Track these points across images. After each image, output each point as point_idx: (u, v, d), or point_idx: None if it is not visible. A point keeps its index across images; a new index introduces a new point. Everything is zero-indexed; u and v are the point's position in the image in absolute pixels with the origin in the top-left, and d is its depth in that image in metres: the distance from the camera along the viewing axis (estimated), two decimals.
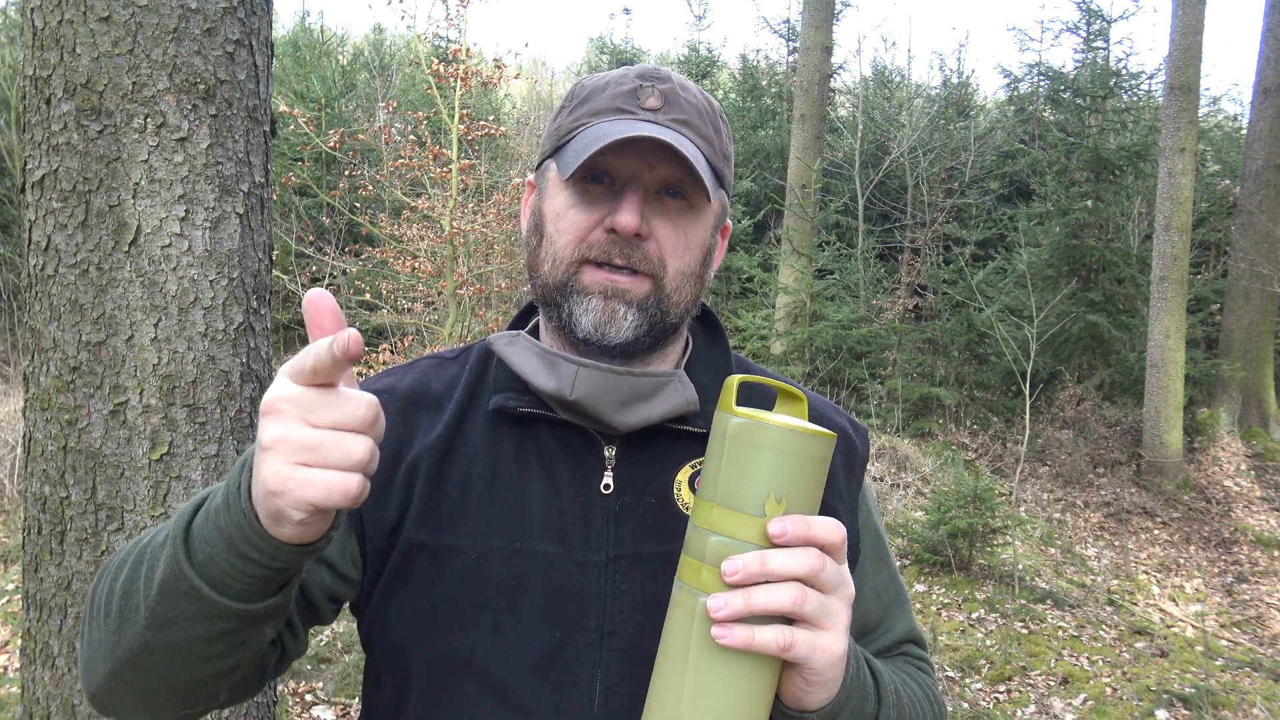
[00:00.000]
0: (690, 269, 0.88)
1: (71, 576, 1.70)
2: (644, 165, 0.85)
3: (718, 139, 0.90)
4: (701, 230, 0.89)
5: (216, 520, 0.67)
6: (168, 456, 1.70)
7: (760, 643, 0.67)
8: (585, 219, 0.86)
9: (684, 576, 0.72)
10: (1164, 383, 7.57)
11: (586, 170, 0.86)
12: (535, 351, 0.90)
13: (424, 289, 7.07)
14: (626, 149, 0.84)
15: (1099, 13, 10.67)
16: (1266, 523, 7.18)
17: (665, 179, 0.86)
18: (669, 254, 0.87)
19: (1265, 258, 8.54)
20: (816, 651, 0.69)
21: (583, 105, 0.89)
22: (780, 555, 0.68)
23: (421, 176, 6.87)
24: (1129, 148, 9.25)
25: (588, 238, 0.86)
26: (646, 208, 0.86)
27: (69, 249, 1.66)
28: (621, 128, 0.83)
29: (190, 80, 1.68)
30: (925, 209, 10.95)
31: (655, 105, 0.87)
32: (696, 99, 0.90)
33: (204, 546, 0.67)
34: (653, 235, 0.86)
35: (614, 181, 0.86)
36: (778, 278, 9.21)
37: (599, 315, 0.85)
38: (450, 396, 0.93)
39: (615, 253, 0.85)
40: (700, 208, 0.89)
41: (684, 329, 0.96)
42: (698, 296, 0.92)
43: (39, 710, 1.74)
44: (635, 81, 0.88)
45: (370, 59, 13.53)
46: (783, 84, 13.85)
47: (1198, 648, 5.05)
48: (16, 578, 4.64)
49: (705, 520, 0.71)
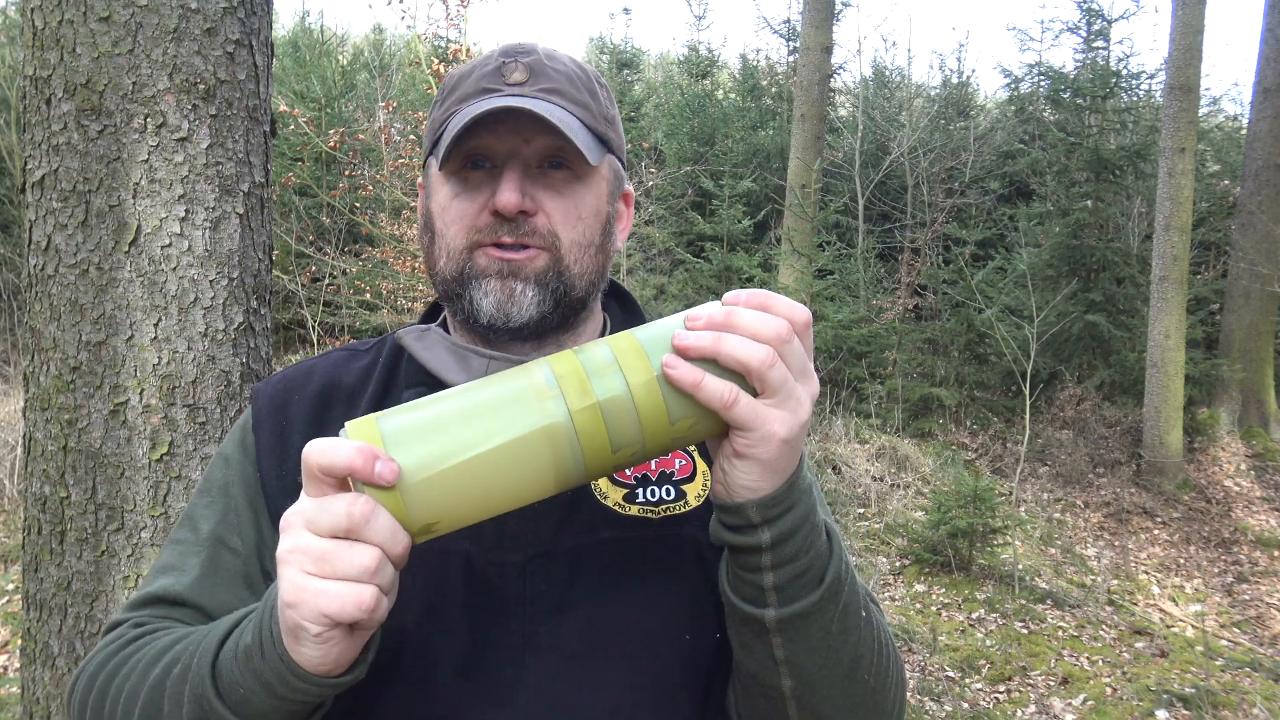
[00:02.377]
0: (587, 239, 0.86)
1: (71, 576, 1.70)
2: (519, 141, 0.83)
3: (595, 103, 0.88)
4: (593, 198, 0.87)
5: (249, 663, 0.65)
6: (168, 456, 1.70)
7: (707, 389, 0.62)
8: (470, 205, 0.85)
9: None
10: (1164, 383, 7.57)
11: (464, 157, 0.85)
12: (446, 346, 0.89)
13: (424, 289, 7.06)
14: (499, 127, 0.82)
15: (1099, 13, 10.67)
16: (1266, 523, 7.18)
17: (544, 151, 0.84)
18: (560, 225, 0.85)
19: (1265, 258, 8.54)
20: (760, 419, 0.63)
21: (452, 94, 0.88)
22: (748, 312, 0.64)
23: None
24: (1129, 148, 9.25)
25: (475, 223, 0.84)
26: (529, 183, 0.84)
27: (69, 249, 1.66)
28: (483, 105, 0.81)
29: (190, 80, 1.68)
30: (925, 209, 10.95)
31: (520, 79, 0.85)
32: (566, 66, 0.88)
33: (236, 689, 0.66)
34: (540, 209, 0.84)
35: (494, 164, 0.85)
36: (778, 278, 9.21)
37: (498, 296, 0.83)
38: (363, 390, 0.91)
39: (503, 232, 0.83)
40: (587, 176, 0.86)
41: (594, 305, 0.93)
42: (603, 268, 0.90)
43: (39, 710, 1.74)
44: (499, 60, 0.87)
45: (370, 59, 13.53)
46: (783, 84, 13.85)
47: (1198, 648, 5.05)
48: (16, 578, 4.63)
49: None
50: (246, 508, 0.87)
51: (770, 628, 0.71)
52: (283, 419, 0.90)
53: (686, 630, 0.82)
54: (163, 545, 0.92)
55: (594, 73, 0.92)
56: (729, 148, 11.87)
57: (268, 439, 0.89)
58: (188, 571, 0.85)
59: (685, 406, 0.64)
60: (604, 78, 0.94)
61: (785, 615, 0.70)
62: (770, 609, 0.70)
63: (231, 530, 0.87)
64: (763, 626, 0.71)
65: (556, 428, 0.62)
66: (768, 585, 0.69)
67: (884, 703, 0.79)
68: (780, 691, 0.74)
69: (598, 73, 0.92)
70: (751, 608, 0.71)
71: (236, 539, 0.86)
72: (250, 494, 0.88)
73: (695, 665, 0.83)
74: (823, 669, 0.73)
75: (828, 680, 0.74)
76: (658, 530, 0.85)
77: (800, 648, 0.72)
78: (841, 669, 0.74)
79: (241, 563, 0.86)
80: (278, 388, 0.93)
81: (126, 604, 0.87)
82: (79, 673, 0.81)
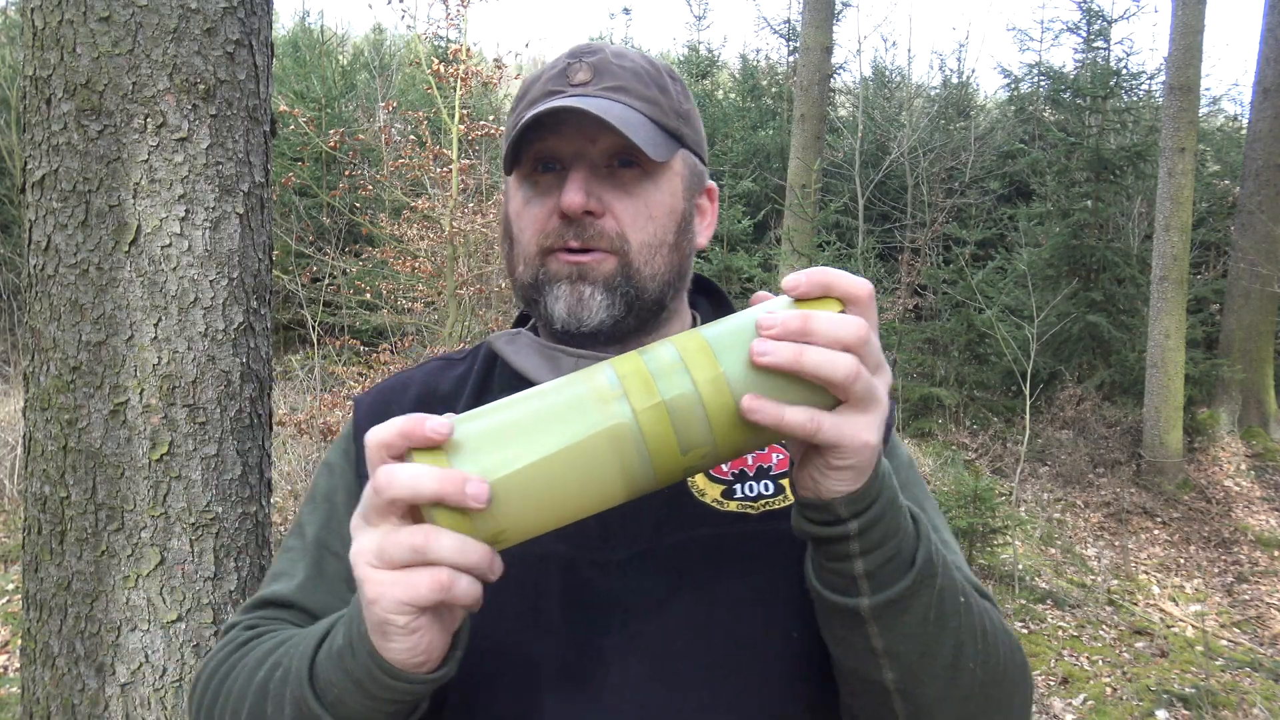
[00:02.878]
0: (659, 239, 0.85)
1: (71, 576, 1.70)
2: (585, 141, 0.83)
3: (666, 98, 0.87)
4: (665, 196, 0.86)
5: (341, 663, 0.65)
6: (168, 456, 1.70)
7: (790, 424, 0.59)
8: (540, 209, 0.85)
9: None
10: (1164, 383, 7.57)
11: (533, 161, 0.85)
12: (535, 348, 0.89)
13: (424, 289, 7.06)
14: (564, 128, 0.82)
15: (1099, 13, 10.67)
16: (1266, 523, 7.18)
17: (611, 150, 0.83)
18: (628, 226, 0.84)
19: (1265, 258, 8.53)
20: (849, 433, 0.61)
21: (522, 100, 0.88)
22: (824, 317, 0.60)
23: (421, 176, 6.87)
24: (1129, 148, 9.25)
25: (545, 227, 0.84)
26: (596, 183, 0.83)
27: (69, 249, 1.66)
28: (542, 107, 0.81)
29: (190, 80, 1.68)
30: (925, 209, 10.95)
31: (585, 79, 0.84)
32: (634, 63, 0.87)
33: (331, 689, 0.66)
34: (608, 210, 0.83)
35: (562, 166, 0.84)
36: (778, 278, 9.21)
37: (568, 300, 0.83)
38: (459, 396, 0.92)
39: (570, 235, 0.83)
40: (658, 173, 0.85)
41: (677, 306, 0.92)
42: (679, 267, 0.88)
43: (39, 710, 1.74)
44: (565, 61, 0.86)
45: (370, 59, 13.53)
46: (783, 84, 13.85)
47: (1198, 648, 5.05)
48: (16, 578, 4.64)
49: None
50: (348, 514, 0.88)
51: (866, 616, 0.68)
52: None
53: (793, 628, 0.80)
54: (276, 553, 0.95)
55: (666, 67, 0.90)
56: (729, 148, 11.87)
57: None
58: (294, 576, 0.87)
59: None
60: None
61: (879, 602, 0.67)
62: (863, 597, 0.67)
63: (334, 535, 0.88)
64: (858, 616, 0.68)
65: (621, 429, 0.60)
66: (858, 573, 0.67)
67: (998, 695, 0.75)
68: (883, 685, 0.71)
69: (670, 68, 0.91)
70: (844, 598, 0.68)
71: (339, 544, 0.87)
72: (352, 500, 0.89)
73: (803, 663, 0.80)
74: (924, 658, 0.70)
75: (931, 671, 0.70)
76: (757, 526, 0.83)
77: (898, 635, 0.69)
78: (944, 658, 0.70)
79: (344, 566, 0.86)
80: (376, 398, 0.95)
81: (242, 606, 0.90)
82: (197, 675, 0.83)
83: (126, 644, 1.70)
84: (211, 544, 1.74)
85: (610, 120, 0.78)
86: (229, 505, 1.76)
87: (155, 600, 1.70)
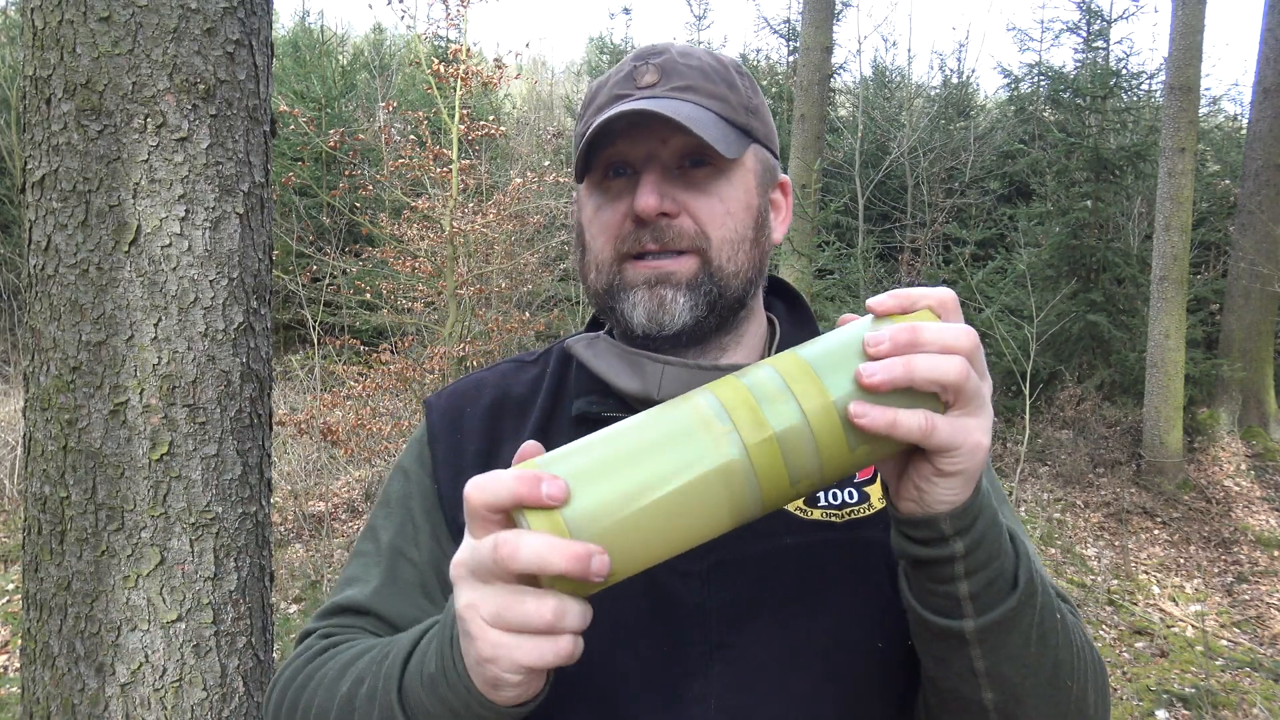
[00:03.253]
0: (739, 234, 0.84)
1: (71, 576, 1.70)
2: (656, 143, 0.82)
3: (734, 94, 0.86)
4: (740, 192, 0.85)
5: (436, 691, 0.64)
6: (168, 456, 1.70)
7: (904, 427, 0.59)
8: (614, 215, 0.84)
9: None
10: (1164, 383, 7.57)
11: (604, 167, 0.84)
12: (617, 352, 0.87)
13: (424, 289, 7.06)
14: (633, 132, 0.81)
15: (1099, 13, 10.67)
16: (1266, 523, 7.18)
17: (681, 150, 0.82)
18: (708, 224, 0.82)
19: (1265, 258, 8.53)
20: (962, 435, 0.61)
21: (590, 106, 0.87)
22: (934, 326, 0.60)
23: (421, 176, 6.87)
24: (1129, 148, 9.25)
25: (620, 232, 0.83)
26: (669, 185, 0.82)
27: (69, 249, 1.66)
28: (610, 112, 0.80)
29: (190, 80, 1.68)
30: (925, 209, 10.95)
31: (652, 80, 0.84)
32: (700, 61, 0.86)
33: (425, 715, 0.65)
34: (683, 210, 0.82)
35: (633, 169, 0.83)
36: (778, 277, 9.19)
37: (649, 306, 0.82)
38: (534, 401, 0.91)
39: (647, 239, 0.82)
40: (731, 170, 0.84)
41: (754, 304, 0.90)
42: (759, 264, 0.87)
43: (39, 710, 1.74)
44: (631, 64, 0.86)
45: (370, 59, 13.53)
46: (783, 84, 13.85)
47: (1198, 648, 5.05)
48: (16, 578, 4.63)
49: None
50: (424, 520, 0.88)
51: (970, 639, 0.67)
52: (457, 431, 0.90)
53: (879, 638, 0.79)
54: (348, 558, 0.93)
55: (733, 62, 0.89)
56: None
57: (444, 452, 0.89)
58: (369, 582, 0.86)
59: (866, 434, 0.60)
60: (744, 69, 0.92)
61: (985, 624, 0.66)
62: (968, 620, 0.66)
63: (409, 542, 0.87)
64: (961, 639, 0.67)
65: (733, 465, 0.58)
66: (963, 595, 0.66)
67: (1086, 709, 0.74)
68: (982, 705, 0.70)
69: (738, 63, 0.90)
70: (947, 620, 0.67)
71: (414, 550, 0.87)
72: (428, 506, 0.88)
73: (888, 674, 0.80)
74: (1026, 678, 0.69)
75: (1031, 690, 0.70)
76: (842, 534, 0.82)
77: (1001, 657, 0.68)
78: (1044, 676, 0.70)
79: (419, 573, 0.86)
80: (450, 401, 0.93)
81: (316, 613, 0.88)
82: (274, 682, 0.82)
83: (126, 644, 1.70)
84: (211, 544, 1.74)
85: (680, 120, 0.77)
86: (229, 505, 1.76)
87: (155, 600, 1.70)
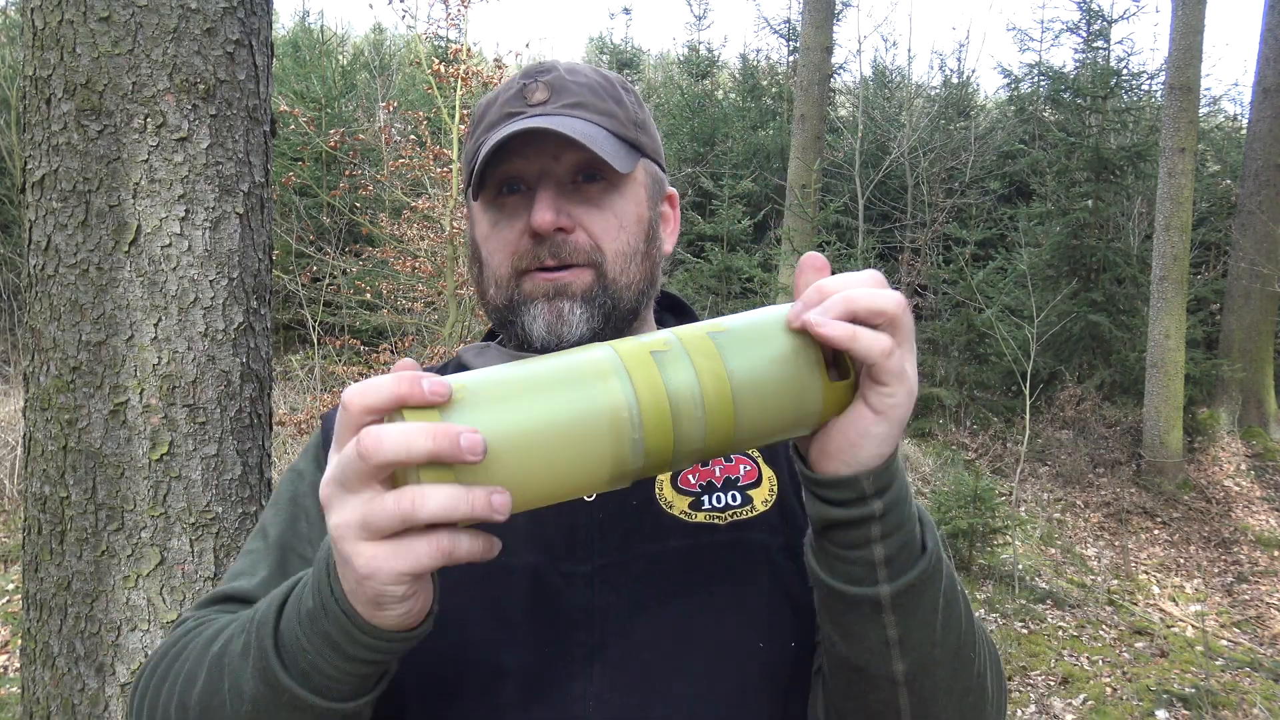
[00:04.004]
0: (631, 247, 0.86)
1: (71, 576, 1.70)
2: (548, 160, 0.84)
3: (622, 109, 0.88)
4: (632, 205, 0.87)
5: (316, 625, 0.62)
6: (168, 456, 1.70)
7: (864, 340, 0.59)
8: (510, 232, 0.85)
9: None
10: (1164, 383, 7.57)
11: (498, 184, 0.85)
12: (504, 356, 0.89)
13: (424, 289, 7.07)
14: (527, 149, 0.83)
15: (1099, 13, 10.68)
16: (1266, 523, 7.18)
17: (575, 166, 0.84)
18: (601, 237, 0.85)
19: (1265, 258, 8.53)
20: (907, 369, 0.61)
21: (480, 124, 0.89)
22: (861, 287, 0.61)
23: (421, 176, 6.87)
24: (1129, 148, 9.25)
25: (517, 248, 0.85)
26: (564, 200, 0.84)
27: (69, 249, 1.66)
28: (504, 130, 0.82)
29: (190, 80, 1.68)
30: (925, 209, 10.95)
31: (542, 98, 0.85)
32: (588, 78, 0.88)
33: (304, 655, 0.63)
34: (578, 225, 0.84)
35: (528, 186, 0.85)
36: (778, 278, 9.20)
37: (548, 318, 0.84)
38: None
39: (545, 254, 0.84)
40: (623, 184, 0.86)
41: (647, 314, 0.93)
42: (651, 275, 0.89)
43: (39, 710, 1.74)
44: (520, 82, 0.87)
45: (370, 59, 13.54)
46: (783, 84, 13.85)
47: (1198, 648, 5.05)
48: (16, 578, 4.64)
49: None
50: (319, 517, 0.88)
51: (884, 604, 0.67)
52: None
53: (760, 638, 0.80)
54: (235, 557, 0.92)
55: (619, 79, 0.91)
56: (729, 148, 11.88)
57: None
58: (256, 574, 0.86)
59: (756, 400, 0.61)
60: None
61: (900, 588, 0.67)
62: (883, 584, 0.67)
63: (301, 538, 0.88)
64: (876, 605, 0.68)
65: (621, 414, 0.57)
66: (878, 559, 0.67)
67: (986, 686, 0.76)
68: (892, 678, 0.71)
69: (623, 79, 0.92)
70: (861, 588, 0.68)
71: (307, 546, 0.87)
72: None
73: (771, 675, 0.81)
74: (935, 647, 0.70)
75: (939, 660, 0.71)
76: (725, 535, 0.83)
77: (914, 623, 0.69)
78: (950, 647, 0.71)
79: (308, 569, 0.86)
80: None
81: (195, 604, 0.87)
82: (141, 670, 0.80)
83: (126, 644, 1.70)
84: (211, 544, 1.74)
85: (575, 136, 0.79)
86: (229, 505, 1.76)
87: (155, 600, 1.70)
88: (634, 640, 0.79)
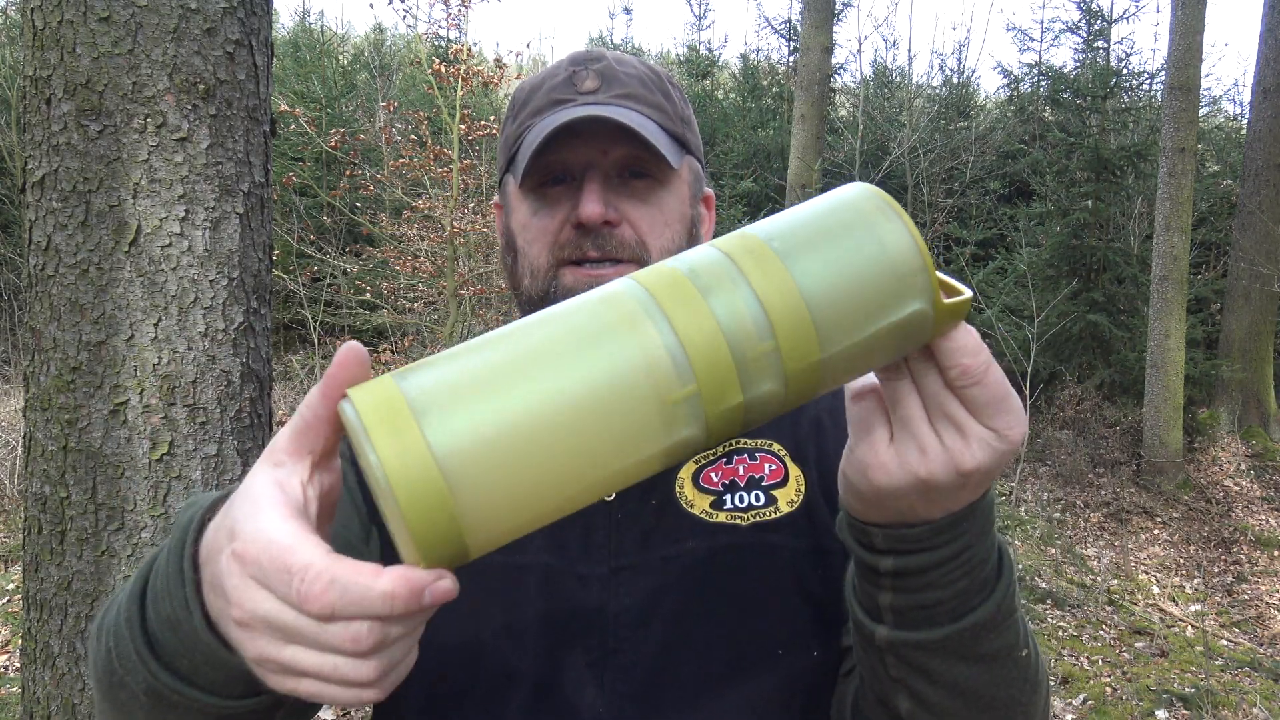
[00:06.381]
0: (675, 245, 0.83)
1: (72, 576, 1.70)
2: (597, 151, 0.81)
3: (670, 104, 0.86)
4: (677, 203, 0.85)
5: (181, 635, 0.54)
6: (168, 456, 1.70)
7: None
8: (552, 221, 0.82)
9: None
10: (1164, 383, 7.57)
11: (542, 172, 0.82)
12: None
13: (425, 289, 7.07)
14: (574, 139, 0.80)
15: (1099, 13, 10.67)
16: (1266, 523, 7.18)
17: (623, 160, 0.82)
18: (647, 234, 0.82)
19: (1265, 258, 8.53)
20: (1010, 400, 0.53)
21: (524, 108, 0.86)
22: None
23: (422, 176, 6.87)
24: (1129, 148, 9.25)
25: (558, 239, 0.82)
26: (610, 193, 0.81)
27: (69, 249, 1.66)
28: (560, 117, 0.79)
29: (190, 80, 1.68)
30: (925, 209, 10.95)
31: (593, 87, 0.83)
32: (637, 70, 0.86)
33: (180, 660, 0.55)
34: (624, 219, 0.82)
35: (573, 177, 0.82)
36: None
37: None
38: None
39: (589, 246, 0.81)
40: (669, 180, 0.84)
41: None
42: None
43: (39, 710, 1.74)
44: (569, 69, 0.85)
45: (370, 59, 13.53)
46: (783, 84, 13.84)
47: (1198, 648, 5.05)
48: (17, 578, 4.64)
49: None
50: (346, 497, 0.86)
51: (881, 646, 0.63)
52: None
53: (780, 645, 0.77)
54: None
55: (665, 73, 0.89)
56: (729, 148, 11.87)
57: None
58: None
59: (849, 323, 0.44)
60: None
61: (898, 640, 0.62)
62: (882, 627, 0.63)
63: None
64: (872, 642, 0.64)
65: (659, 364, 0.41)
66: (884, 605, 0.62)
67: None
68: (898, 713, 0.67)
69: (669, 73, 0.90)
70: (866, 618, 0.64)
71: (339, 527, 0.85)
72: (349, 484, 0.84)
73: (791, 683, 0.77)
74: (948, 700, 0.64)
75: (954, 714, 0.65)
76: (746, 537, 0.79)
77: (918, 677, 0.63)
78: (976, 706, 0.64)
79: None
80: None
81: None
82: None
83: None
84: None
85: (635, 129, 0.77)
86: None
87: None
88: (648, 645, 0.76)
